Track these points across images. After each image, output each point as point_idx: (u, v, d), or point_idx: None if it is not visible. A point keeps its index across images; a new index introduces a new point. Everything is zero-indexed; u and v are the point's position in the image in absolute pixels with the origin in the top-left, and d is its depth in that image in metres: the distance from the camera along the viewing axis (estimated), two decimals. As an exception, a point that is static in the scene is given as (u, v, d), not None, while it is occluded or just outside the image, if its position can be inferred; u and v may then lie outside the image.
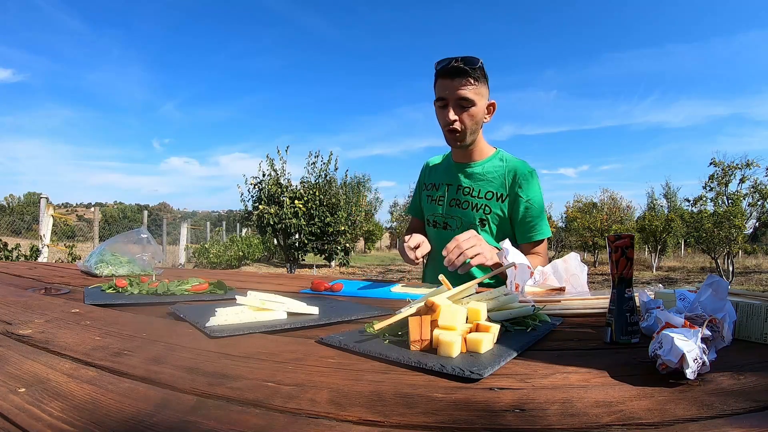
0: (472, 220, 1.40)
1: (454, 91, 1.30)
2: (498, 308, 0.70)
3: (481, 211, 1.40)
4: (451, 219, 1.45)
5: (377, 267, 14.08)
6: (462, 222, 1.42)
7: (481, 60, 1.31)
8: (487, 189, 1.41)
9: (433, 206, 1.50)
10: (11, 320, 0.72)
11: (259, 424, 0.37)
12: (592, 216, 14.58)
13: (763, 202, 10.78)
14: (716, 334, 0.53)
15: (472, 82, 1.29)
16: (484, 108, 1.37)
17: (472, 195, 1.42)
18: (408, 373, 0.50)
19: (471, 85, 1.30)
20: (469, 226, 1.39)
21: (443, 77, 1.31)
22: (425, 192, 1.56)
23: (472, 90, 1.30)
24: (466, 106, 1.31)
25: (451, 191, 1.47)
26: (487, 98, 1.38)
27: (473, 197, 1.42)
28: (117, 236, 1.51)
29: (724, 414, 0.39)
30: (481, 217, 1.39)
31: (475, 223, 1.40)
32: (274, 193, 9.95)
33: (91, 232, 8.79)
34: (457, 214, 1.44)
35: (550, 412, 0.39)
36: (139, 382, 0.45)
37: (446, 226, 1.46)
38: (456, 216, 1.44)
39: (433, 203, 1.51)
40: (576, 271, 1.00)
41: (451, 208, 1.45)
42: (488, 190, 1.40)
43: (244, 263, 12.33)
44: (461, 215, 1.43)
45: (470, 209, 1.41)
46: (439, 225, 1.48)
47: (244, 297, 0.76)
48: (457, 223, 1.44)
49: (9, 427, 0.35)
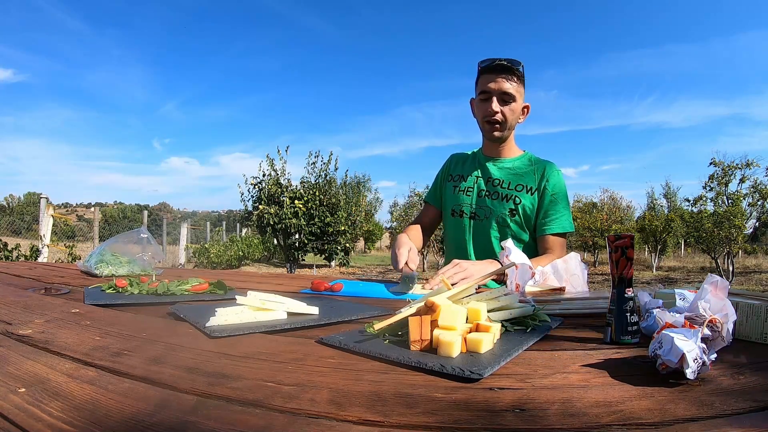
0: (502, 210, 1.44)
1: (498, 86, 1.38)
2: (498, 308, 0.70)
3: (511, 201, 1.44)
4: (480, 209, 1.48)
5: (377, 267, 14.08)
6: (492, 212, 1.45)
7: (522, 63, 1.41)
8: (517, 182, 1.46)
9: (460, 196, 1.52)
10: (11, 320, 0.72)
11: (259, 424, 0.37)
12: (592, 216, 14.57)
13: (763, 202, 10.79)
14: (716, 334, 0.53)
15: (515, 80, 1.39)
16: (521, 107, 1.45)
17: (503, 186, 1.46)
18: (408, 373, 0.50)
19: (514, 82, 1.39)
20: (498, 216, 1.44)
21: (489, 73, 1.40)
22: (450, 183, 1.58)
23: (514, 87, 1.39)
24: (508, 100, 1.40)
25: (480, 183, 1.50)
26: (523, 99, 1.46)
27: (503, 188, 1.46)
28: (117, 236, 1.51)
29: (724, 414, 0.39)
30: (510, 207, 1.43)
31: (504, 213, 1.43)
32: (274, 193, 9.95)
33: (91, 232, 8.79)
34: (486, 204, 1.47)
35: (550, 412, 0.39)
36: (139, 382, 0.45)
37: (474, 216, 1.49)
38: (485, 206, 1.47)
39: (459, 194, 1.52)
40: (576, 271, 1.00)
41: (480, 199, 1.48)
42: (518, 183, 1.45)
43: (244, 263, 12.33)
44: (491, 205, 1.46)
45: (500, 200, 1.45)
46: (466, 215, 1.50)
47: (244, 297, 0.76)
48: (486, 213, 1.47)
49: (9, 427, 0.35)
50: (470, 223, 1.48)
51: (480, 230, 1.47)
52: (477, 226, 1.47)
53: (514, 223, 1.43)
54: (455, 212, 1.52)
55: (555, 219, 1.41)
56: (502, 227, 1.44)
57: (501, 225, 1.44)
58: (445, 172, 1.63)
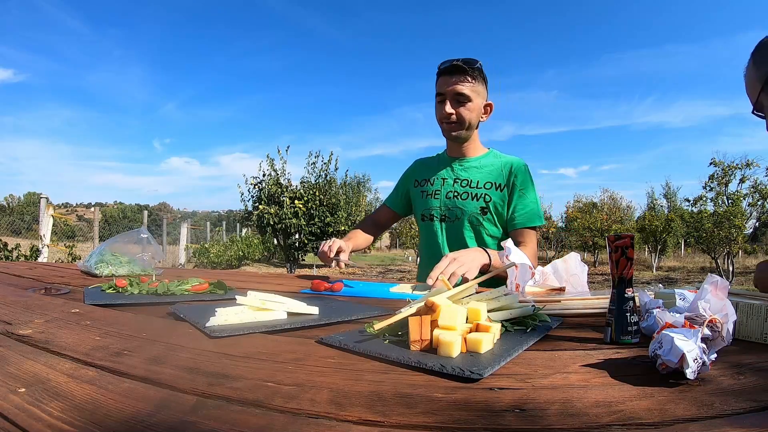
0: (473, 210, 1.44)
1: (452, 87, 1.39)
2: (498, 308, 0.70)
3: (482, 200, 1.44)
4: (449, 211, 1.48)
5: (377, 267, 14.08)
6: (463, 212, 1.46)
7: (480, 62, 1.41)
8: (486, 180, 1.46)
9: (428, 201, 1.52)
10: (11, 320, 0.72)
11: (259, 424, 0.37)
12: (592, 216, 14.58)
13: (763, 202, 10.79)
14: (716, 334, 0.53)
15: (469, 80, 1.39)
16: (481, 107, 1.45)
17: (471, 186, 1.47)
18: (408, 373, 0.50)
19: (468, 83, 1.39)
20: (470, 216, 1.44)
21: (444, 75, 1.41)
22: (418, 188, 1.59)
23: (469, 87, 1.40)
24: (463, 101, 1.41)
25: (447, 185, 1.51)
26: (484, 98, 1.46)
27: (472, 188, 1.46)
28: (117, 236, 1.51)
29: (724, 414, 0.39)
30: (481, 205, 1.44)
31: (476, 212, 1.44)
32: (274, 193, 9.95)
33: (91, 232, 8.79)
34: (457, 206, 1.47)
35: (550, 412, 0.39)
36: (139, 382, 0.45)
37: (445, 218, 1.49)
38: (456, 207, 1.47)
39: (428, 198, 1.53)
40: (576, 271, 1.00)
41: (448, 200, 1.48)
42: (487, 181, 1.46)
43: (244, 263, 12.33)
44: (461, 206, 1.46)
45: (470, 199, 1.46)
46: (436, 218, 1.50)
47: (244, 297, 0.76)
48: (457, 214, 1.47)
49: (9, 427, 0.35)
50: (442, 225, 1.49)
51: (453, 232, 1.47)
52: (449, 228, 1.48)
53: (487, 221, 1.44)
54: (425, 217, 1.53)
55: (525, 213, 1.43)
56: (475, 226, 1.45)
57: (474, 224, 1.45)
58: (410, 178, 1.64)
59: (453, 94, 1.40)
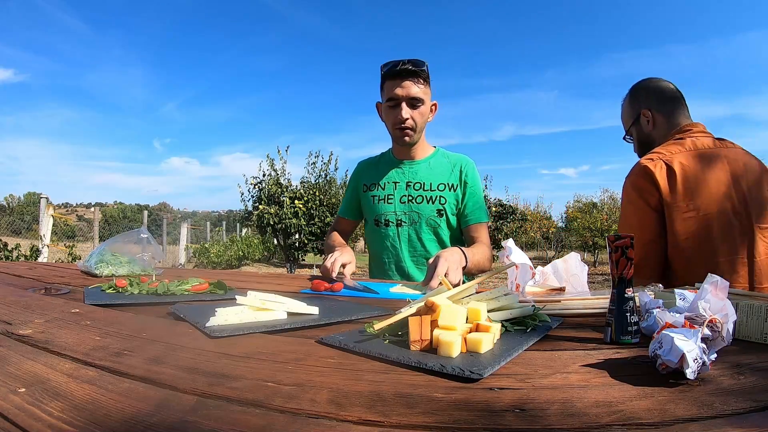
0: (430, 213, 1.46)
1: (406, 91, 1.38)
2: (498, 308, 0.70)
3: (437, 202, 1.46)
4: (406, 215, 1.48)
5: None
6: (419, 216, 1.47)
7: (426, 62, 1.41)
8: (439, 181, 1.48)
9: (381, 206, 1.51)
10: (11, 320, 0.72)
11: (259, 424, 0.37)
12: (592, 216, 14.58)
13: (763, 202, 10.77)
14: (716, 334, 0.53)
15: (421, 82, 1.39)
16: (429, 108, 1.46)
17: (425, 189, 1.47)
18: (408, 373, 0.50)
19: (421, 85, 1.39)
20: (427, 219, 1.45)
21: (393, 78, 1.39)
22: (367, 193, 1.56)
23: (422, 90, 1.40)
24: (416, 104, 1.40)
25: (400, 188, 1.50)
26: (431, 98, 1.47)
27: (426, 191, 1.47)
28: (117, 236, 1.51)
29: (724, 414, 0.39)
30: (438, 208, 1.45)
31: (433, 215, 1.45)
32: (274, 193, 9.96)
33: (91, 232, 8.79)
34: (413, 210, 1.47)
35: (550, 412, 0.39)
36: (139, 382, 0.45)
37: (400, 223, 1.49)
38: (411, 211, 1.48)
39: (380, 203, 1.52)
40: (576, 271, 1.00)
41: (403, 205, 1.48)
42: (440, 182, 1.47)
43: (244, 263, 12.33)
44: (417, 210, 1.47)
45: (425, 203, 1.47)
46: (392, 223, 1.49)
47: (244, 297, 0.76)
48: (414, 218, 1.47)
49: (9, 427, 0.35)
50: (398, 230, 1.48)
51: (412, 236, 1.47)
52: (407, 232, 1.48)
53: (444, 223, 1.46)
54: (379, 222, 1.52)
55: (477, 209, 1.46)
56: (434, 228, 1.46)
57: (433, 227, 1.46)
58: (357, 182, 1.62)
59: (408, 99, 1.38)
